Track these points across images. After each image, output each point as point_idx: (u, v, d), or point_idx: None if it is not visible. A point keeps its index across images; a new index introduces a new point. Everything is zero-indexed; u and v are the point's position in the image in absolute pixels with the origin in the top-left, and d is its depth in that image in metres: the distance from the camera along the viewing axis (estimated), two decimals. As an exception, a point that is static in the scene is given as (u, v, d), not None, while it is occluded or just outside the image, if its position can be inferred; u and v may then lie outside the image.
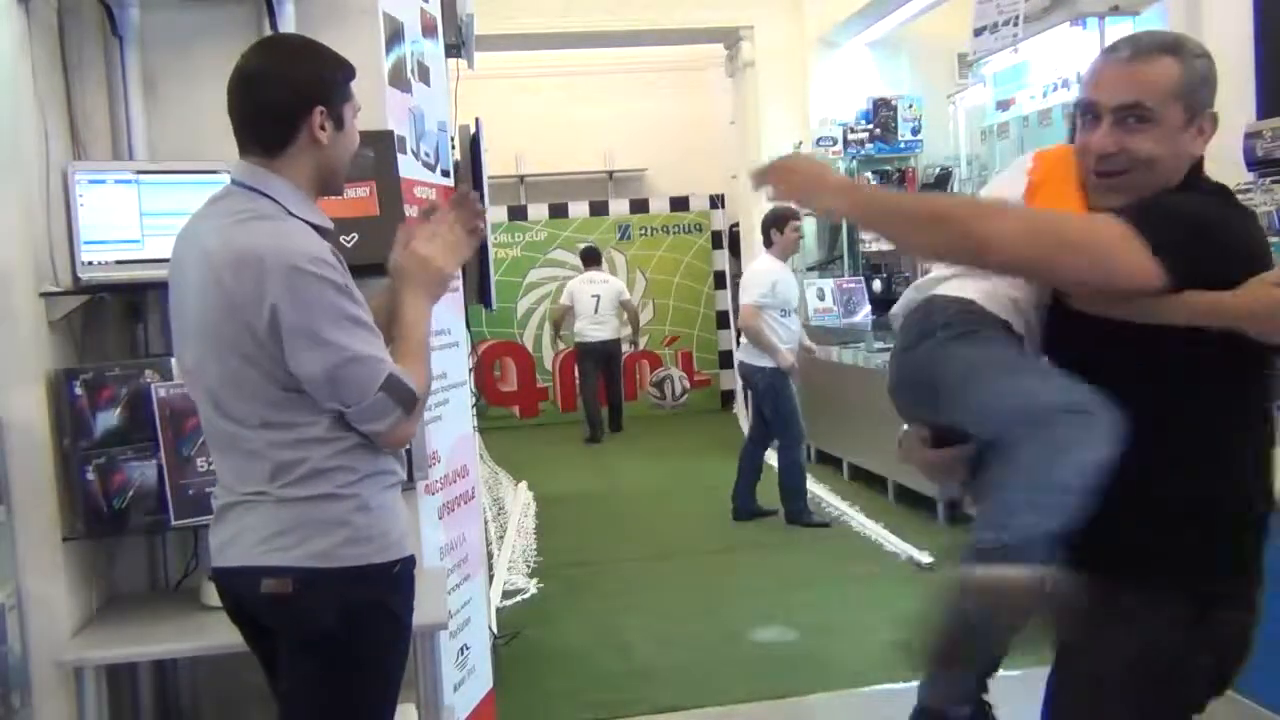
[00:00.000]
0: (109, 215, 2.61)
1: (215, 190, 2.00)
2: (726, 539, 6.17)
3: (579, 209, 11.03)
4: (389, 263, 2.07)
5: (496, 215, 10.28)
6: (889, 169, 8.32)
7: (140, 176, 2.66)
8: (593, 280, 9.88)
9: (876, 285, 8.07)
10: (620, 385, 10.24)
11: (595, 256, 10.10)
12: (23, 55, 2.60)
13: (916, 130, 8.19)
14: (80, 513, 2.59)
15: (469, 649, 3.33)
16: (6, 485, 2.50)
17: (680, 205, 11.12)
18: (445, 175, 3.34)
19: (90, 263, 2.59)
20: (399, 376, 1.89)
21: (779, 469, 6.43)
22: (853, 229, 8.40)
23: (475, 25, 3.87)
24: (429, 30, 3.31)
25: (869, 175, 8.36)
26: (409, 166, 3.01)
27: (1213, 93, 1.71)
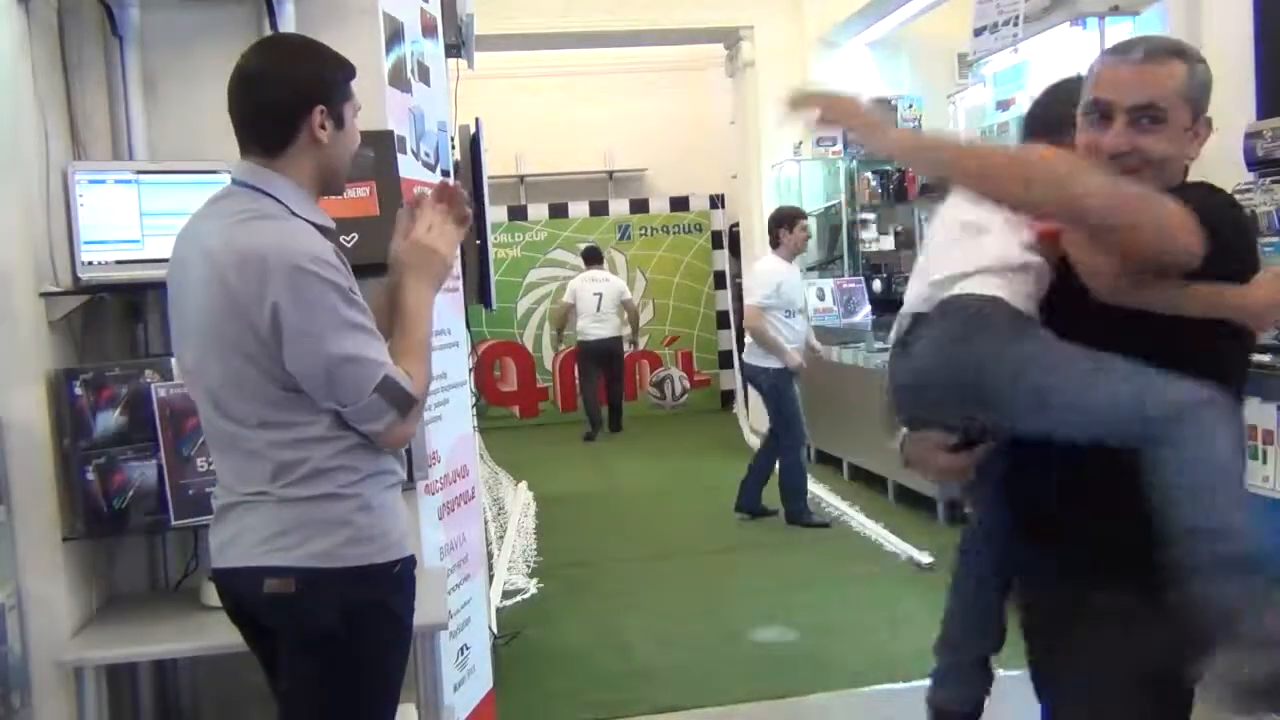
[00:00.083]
0: (109, 215, 2.61)
1: (215, 190, 2.00)
2: (726, 539, 6.17)
3: (579, 209, 11.03)
4: (390, 254, 2.07)
5: (496, 215, 10.26)
6: (889, 169, 8.32)
7: (140, 176, 2.66)
8: (594, 279, 9.94)
9: (876, 285, 8.06)
10: (621, 384, 10.23)
11: (597, 256, 10.15)
12: (23, 55, 2.60)
13: (917, 130, 8.17)
14: (80, 513, 2.59)
15: (469, 649, 3.33)
16: (6, 485, 2.50)
17: (680, 205, 11.12)
18: (445, 175, 3.34)
19: (90, 263, 2.59)
20: (395, 379, 1.88)
21: (779, 469, 6.42)
22: (852, 229, 8.41)
23: (475, 25, 3.87)
24: (429, 30, 3.31)
25: (869, 176, 8.37)
26: (409, 166, 3.01)
27: (1209, 98, 1.73)
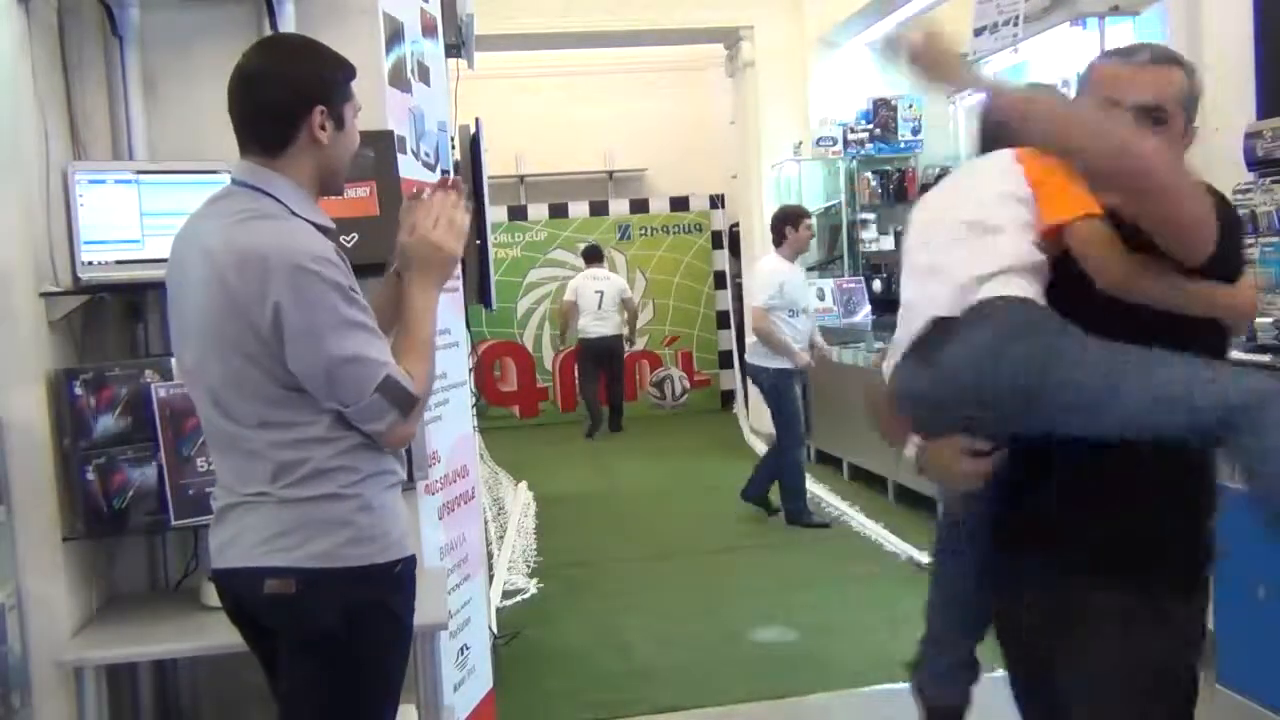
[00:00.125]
0: (109, 215, 2.61)
1: (215, 190, 2.00)
2: (726, 539, 6.17)
3: (579, 209, 11.03)
4: (395, 248, 2.06)
5: (496, 215, 10.27)
6: (889, 169, 8.31)
7: (140, 176, 2.66)
8: (595, 276, 10.01)
9: (876, 285, 8.06)
10: (621, 384, 10.25)
11: (597, 254, 10.20)
12: (23, 55, 2.60)
13: (917, 130, 8.17)
14: (80, 513, 2.59)
15: (469, 649, 3.33)
16: (6, 485, 2.50)
17: (680, 205, 11.12)
18: (445, 175, 3.34)
19: (90, 263, 2.59)
20: (396, 379, 1.88)
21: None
22: (852, 229, 8.40)
23: (475, 25, 3.87)
24: (429, 30, 3.31)
25: (869, 176, 8.36)
26: (409, 166, 3.01)
27: (1198, 110, 1.79)
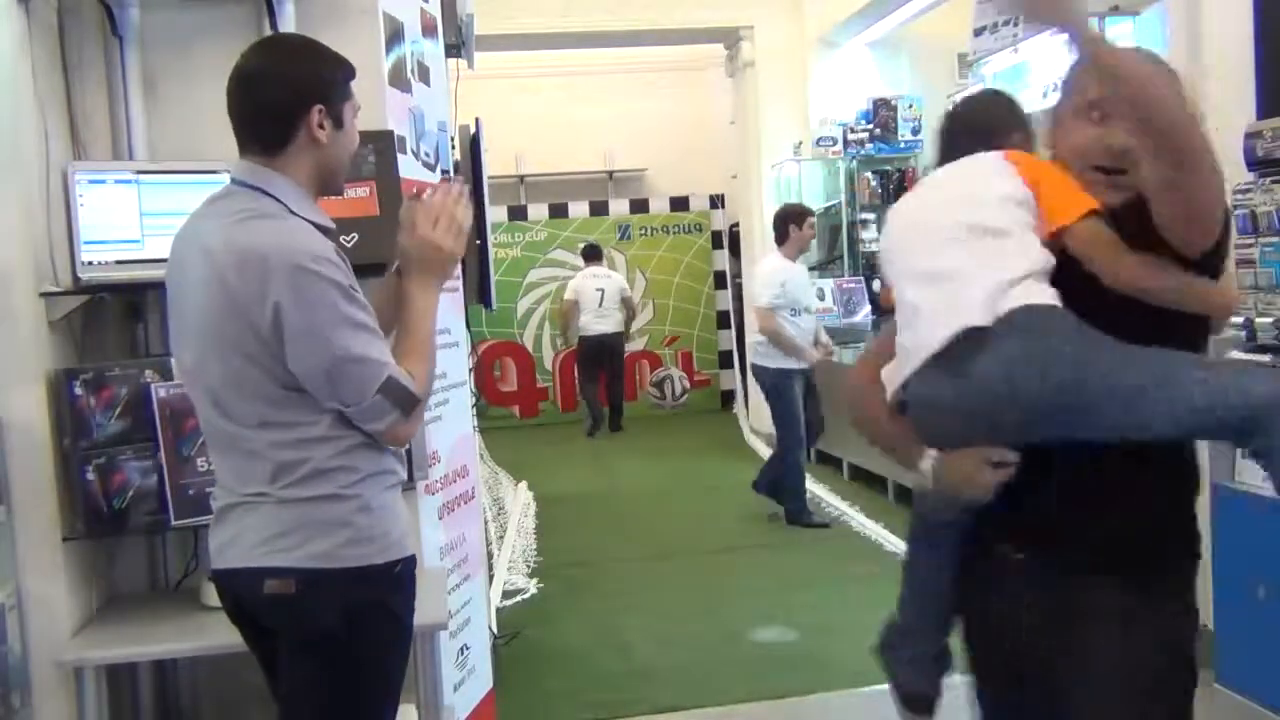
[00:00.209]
0: (109, 215, 2.61)
1: (215, 190, 2.00)
2: (726, 539, 6.17)
3: (579, 209, 11.03)
4: (397, 248, 2.06)
5: (496, 215, 10.27)
6: (889, 169, 8.31)
7: (140, 176, 2.66)
8: (596, 275, 10.06)
9: (876, 285, 8.05)
10: (621, 382, 10.27)
11: (597, 253, 10.26)
12: (23, 55, 2.60)
13: (917, 130, 8.17)
14: (80, 513, 2.59)
15: (469, 649, 3.33)
16: (6, 485, 2.50)
17: (680, 205, 11.12)
18: (445, 175, 3.34)
19: (90, 263, 2.59)
20: (398, 379, 1.88)
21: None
22: (852, 229, 8.40)
23: (475, 25, 3.87)
24: (429, 30, 3.31)
25: (869, 176, 8.36)
26: (409, 166, 3.01)
27: None
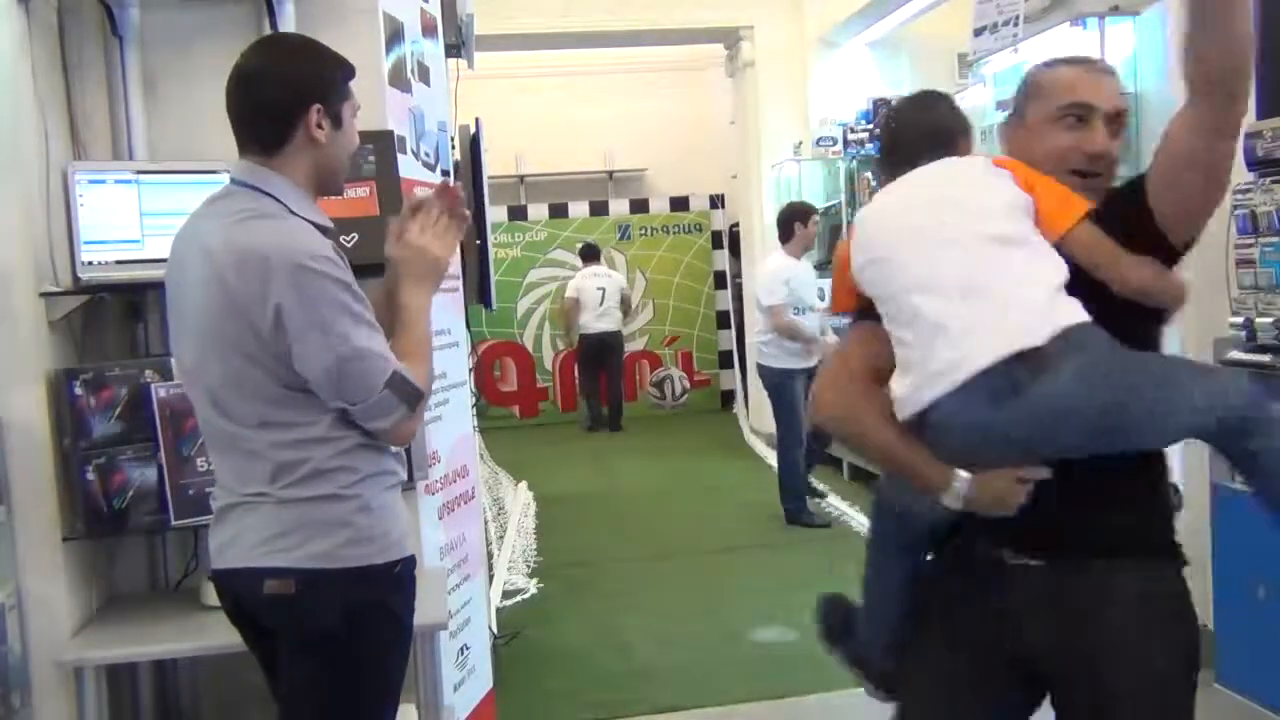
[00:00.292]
0: (109, 215, 2.61)
1: (215, 190, 2.00)
2: (726, 539, 6.17)
3: (579, 209, 11.03)
4: (386, 255, 2.06)
5: (496, 215, 10.27)
6: (889, 169, 8.29)
7: (140, 176, 2.66)
8: (596, 274, 10.12)
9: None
10: (620, 380, 10.29)
11: (595, 253, 10.32)
12: (23, 55, 2.60)
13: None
14: (80, 513, 2.59)
15: (469, 649, 3.33)
16: (6, 485, 2.50)
17: (680, 205, 11.12)
18: (445, 175, 3.34)
19: (90, 263, 2.59)
20: (403, 374, 1.89)
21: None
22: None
23: (475, 25, 3.87)
24: (429, 30, 3.31)
25: (869, 176, 8.35)
26: (409, 166, 3.01)
27: None
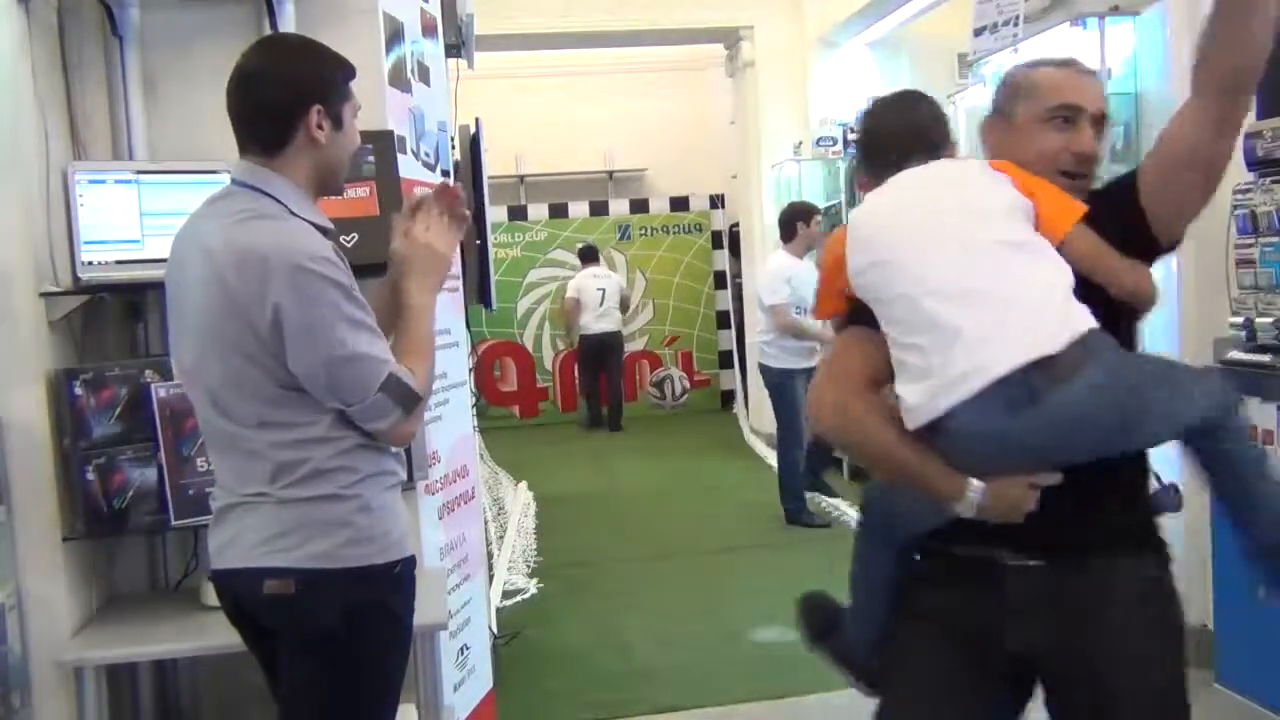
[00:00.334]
0: (109, 215, 2.61)
1: (215, 190, 2.00)
2: (726, 539, 6.17)
3: (579, 209, 11.03)
4: (391, 252, 2.06)
5: (496, 215, 10.27)
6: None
7: (140, 176, 2.66)
8: (596, 275, 10.16)
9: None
10: (620, 380, 10.30)
11: (593, 254, 10.35)
12: (23, 55, 2.60)
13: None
14: (80, 513, 2.59)
15: (469, 649, 3.33)
16: (6, 485, 2.50)
17: (680, 205, 11.12)
18: (445, 175, 3.34)
19: (90, 263, 2.59)
20: (399, 376, 1.88)
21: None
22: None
23: (475, 25, 3.86)
24: (429, 30, 3.31)
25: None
26: (409, 166, 3.01)
27: None
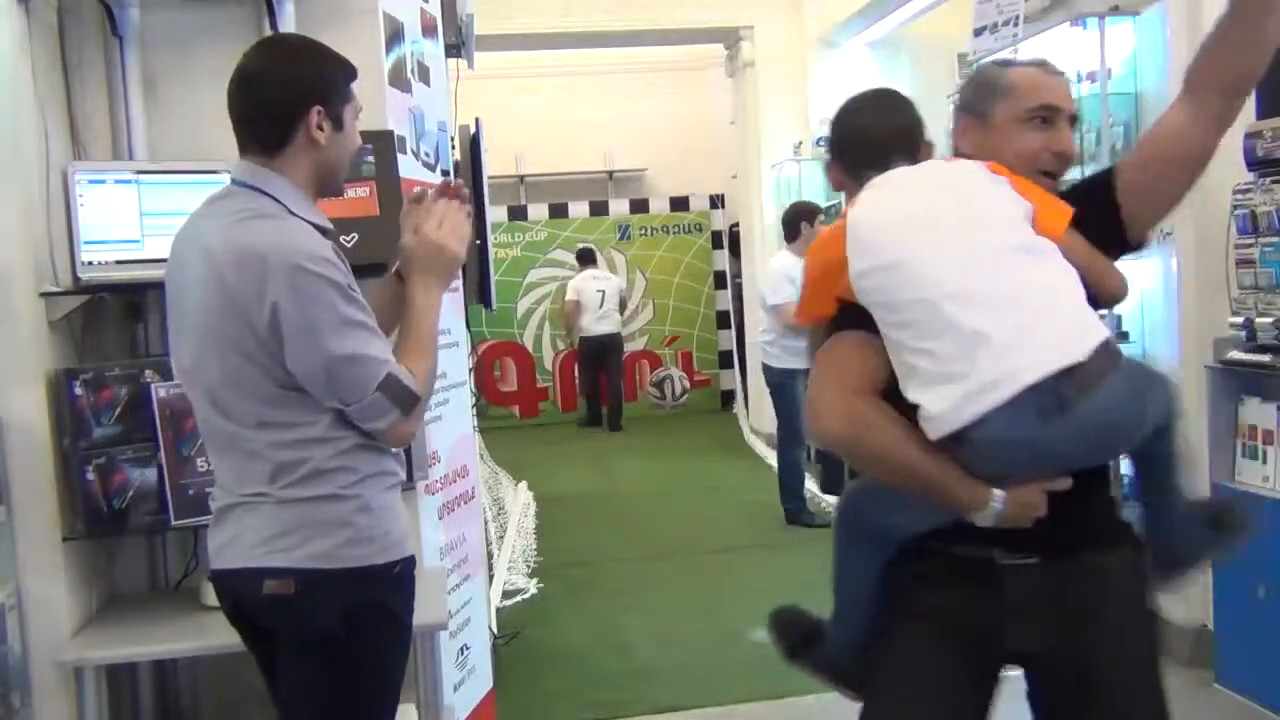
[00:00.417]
0: (109, 215, 2.61)
1: (215, 190, 2.00)
2: (726, 539, 6.17)
3: (579, 209, 11.03)
4: (400, 248, 2.06)
5: (496, 215, 10.27)
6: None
7: (140, 176, 2.66)
8: (595, 277, 10.20)
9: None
10: (620, 381, 10.31)
11: (591, 256, 10.40)
12: (23, 55, 2.60)
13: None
14: (80, 513, 2.59)
15: (469, 649, 3.33)
16: (6, 485, 2.50)
17: (680, 205, 11.12)
18: (445, 175, 3.34)
19: (90, 263, 2.59)
20: (398, 376, 1.88)
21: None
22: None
23: (475, 25, 3.86)
24: (429, 30, 3.31)
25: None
26: (409, 166, 3.01)
27: None
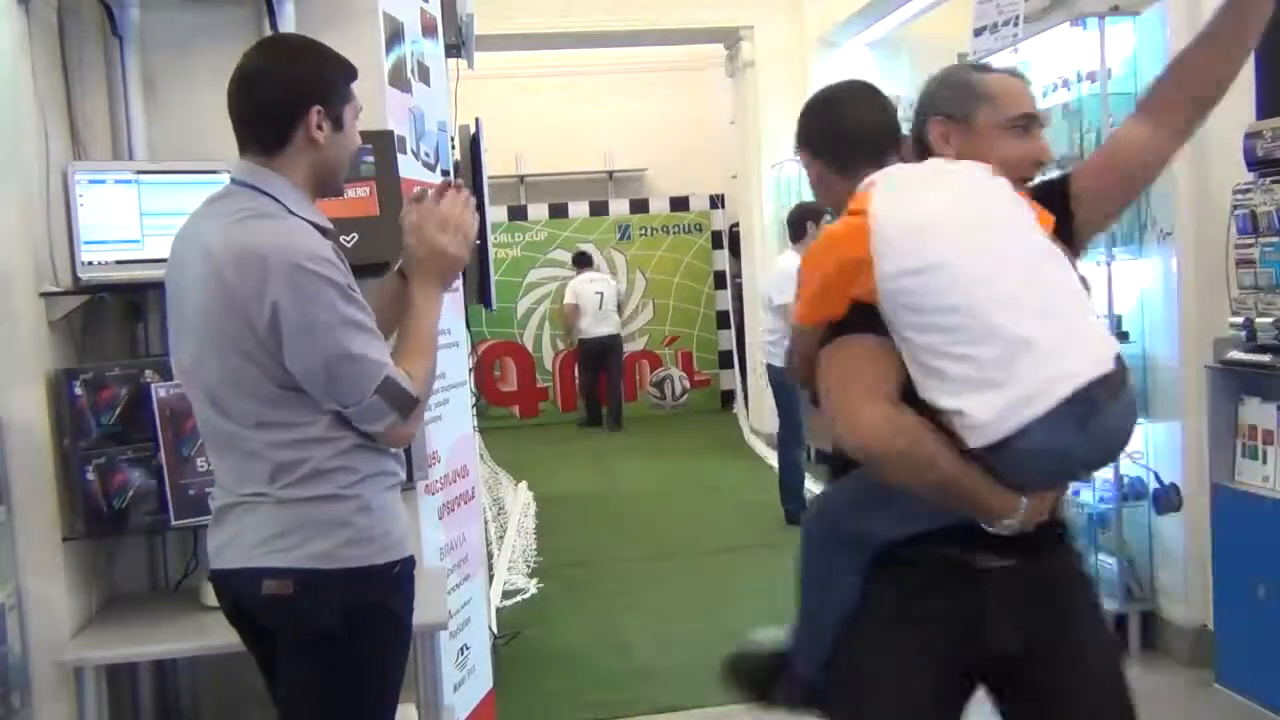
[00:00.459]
0: (109, 215, 2.61)
1: (215, 190, 2.00)
2: (726, 539, 6.17)
3: (579, 209, 11.03)
4: (403, 249, 2.06)
5: (496, 215, 10.28)
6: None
7: (140, 176, 2.66)
8: (593, 279, 10.21)
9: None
10: (620, 382, 10.32)
11: (587, 259, 10.43)
12: (23, 55, 2.60)
13: (917, 130, 8.13)
14: (80, 513, 2.59)
15: (469, 649, 3.33)
16: (6, 485, 2.50)
17: (680, 205, 11.12)
18: (445, 175, 3.34)
19: (90, 263, 2.59)
20: (396, 379, 1.88)
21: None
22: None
23: (475, 25, 3.86)
24: (429, 30, 3.31)
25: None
26: (409, 166, 3.01)
27: None
